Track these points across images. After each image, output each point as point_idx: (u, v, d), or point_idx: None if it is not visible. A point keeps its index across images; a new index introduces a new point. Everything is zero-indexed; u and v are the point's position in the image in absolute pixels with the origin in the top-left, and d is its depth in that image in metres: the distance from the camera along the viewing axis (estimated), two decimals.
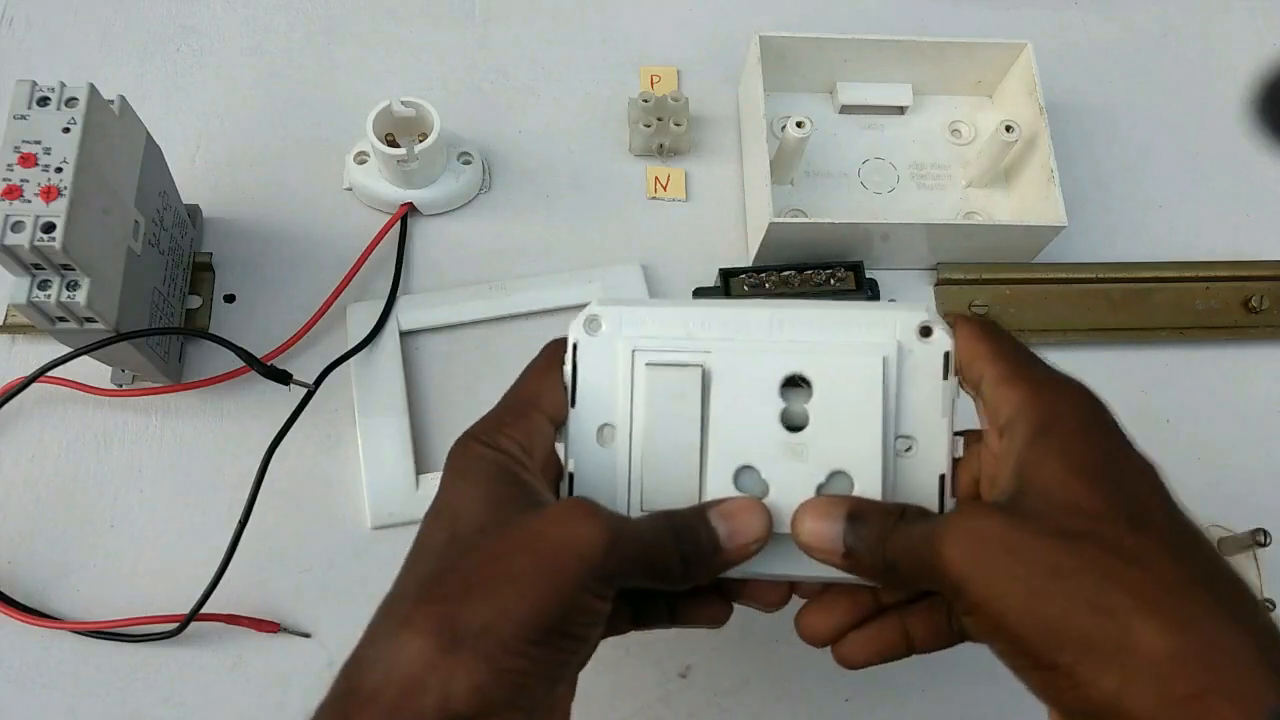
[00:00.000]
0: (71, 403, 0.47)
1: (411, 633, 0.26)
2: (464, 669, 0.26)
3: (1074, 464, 0.27)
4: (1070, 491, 0.26)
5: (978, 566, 0.26)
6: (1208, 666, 0.23)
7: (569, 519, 0.28)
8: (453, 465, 0.31)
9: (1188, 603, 0.24)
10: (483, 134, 0.55)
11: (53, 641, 0.44)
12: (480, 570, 0.27)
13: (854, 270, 0.51)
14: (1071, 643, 0.24)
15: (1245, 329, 0.54)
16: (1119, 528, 0.25)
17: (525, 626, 0.26)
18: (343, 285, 0.50)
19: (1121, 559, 0.25)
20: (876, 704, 0.46)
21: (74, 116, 0.37)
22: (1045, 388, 0.29)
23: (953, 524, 0.28)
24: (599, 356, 0.33)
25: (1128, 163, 0.58)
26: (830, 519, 0.30)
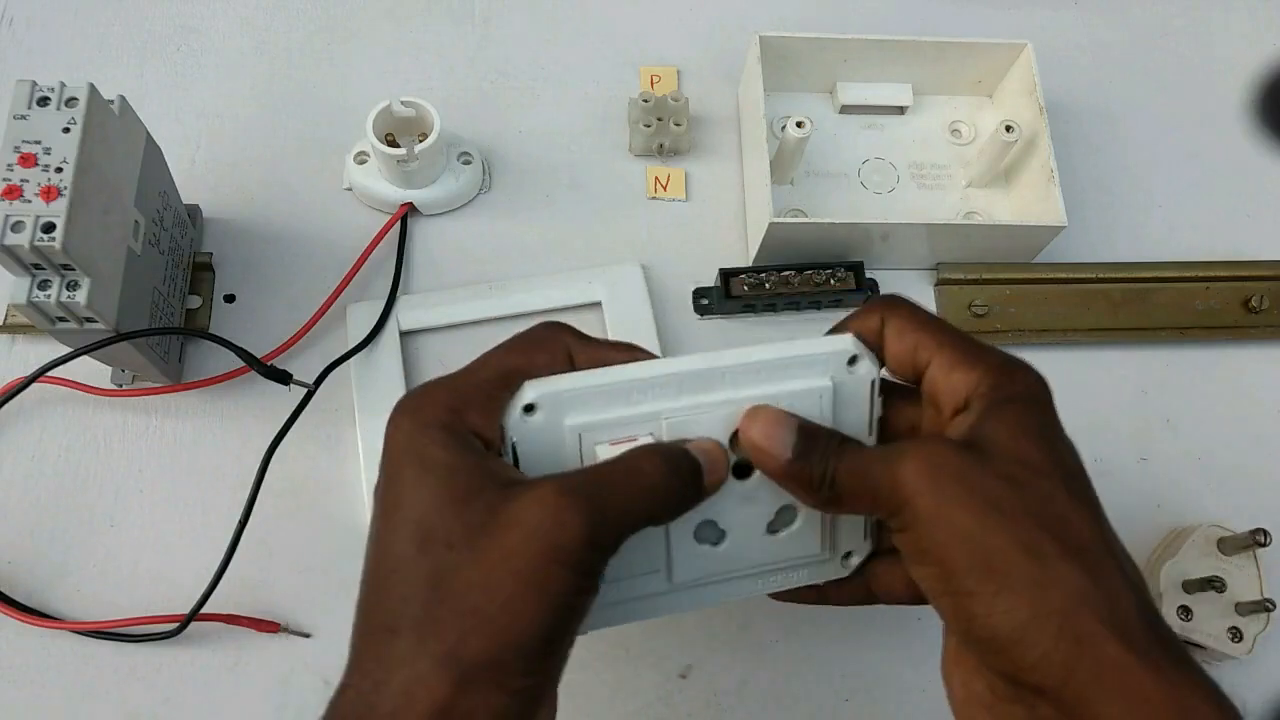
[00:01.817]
0: (71, 403, 0.47)
1: (418, 671, 0.26)
2: (479, 702, 0.26)
3: (1025, 428, 0.29)
4: (1021, 447, 0.29)
5: (929, 487, 0.28)
6: (1107, 610, 0.26)
7: (539, 526, 0.27)
8: (399, 442, 0.29)
9: (1097, 558, 0.27)
10: (483, 134, 0.55)
11: (53, 641, 0.44)
12: (468, 599, 0.27)
13: (854, 270, 0.51)
14: (997, 573, 0.27)
15: (1245, 329, 0.54)
16: (1056, 486, 0.28)
17: (529, 649, 0.27)
18: (343, 285, 0.50)
19: (1055, 513, 0.28)
20: (876, 704, 0.46)
21: (74, 116, 0.37)
22: (1002, 370, 0.31)
23: (913, 447, 0.29)
24: (541, 441, 0.31)
25: (1128, 163, 0.58)
26: (783, 426, 0.31)
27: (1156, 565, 0.47)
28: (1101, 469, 0.51)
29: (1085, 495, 0.29)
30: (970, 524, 0.27)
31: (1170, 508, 0.50)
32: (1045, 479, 0.28)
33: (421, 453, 0.28)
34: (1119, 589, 0.27)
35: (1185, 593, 0.46)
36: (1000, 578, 0.27)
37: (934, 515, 0.28)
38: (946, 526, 0.28)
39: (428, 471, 0.28)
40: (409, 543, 0.28)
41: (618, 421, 0.32)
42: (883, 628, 0.47)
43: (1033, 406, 0.30)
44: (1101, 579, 0.27)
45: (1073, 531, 0.27)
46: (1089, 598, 0.26)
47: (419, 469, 0.28)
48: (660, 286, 0.52)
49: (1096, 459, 0.51)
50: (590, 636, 0.45)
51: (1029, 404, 0.30)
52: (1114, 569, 0.27)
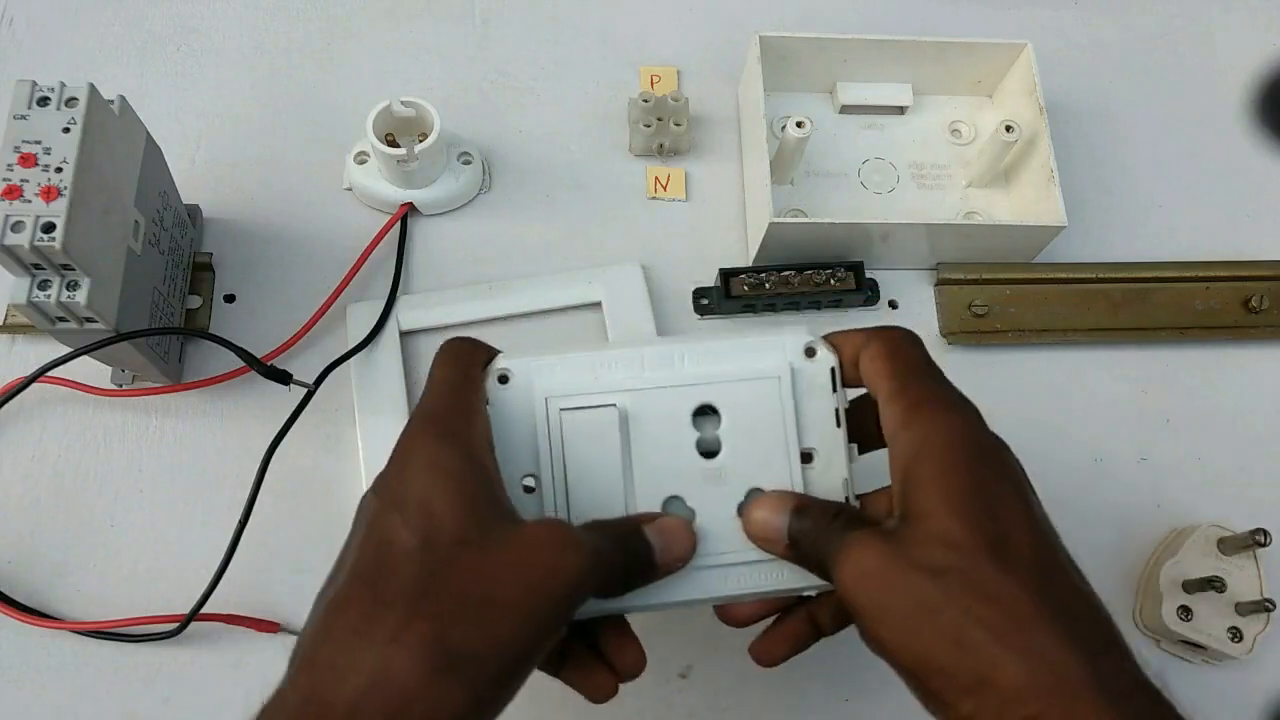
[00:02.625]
0: (71, 403, 0.47)
1: (402, 648, 0.26)
2: (449, 696, 0.26)
3: (946, 493, 0.29)
4: (941, 523, 0.28)
5: (863, 597, 0.29)
6: (1051, 693, 0.26)
7: (553, 545, 0.28)
8: (413, 446, 0.30)
9: (1038, 635, 0.26)
10: (483, 134, 0.55)
11: (53, 641, 0.44)
12: (470, 592, 0.27)
13: (854, 270, 0.51)
14: (936, 672, 0.27)
15: (1245, 329, 0.54)
16: (982, 563, 0.28)
17: (513, 659, 0.27)
18: (343, 285, 0.50)
19: (983, 596, 0.27)
20: (876, 704, 0.46)
21: (74, 116, 0.37)
22: (923, 408, 0.31)
23: (844, 552, 0.30)
24: (513, 409, 0.33)
25: (1128, 163, 0.58)
26: (778, 512, 0.33)
27: (1156, 565, 0.47)
28: (1101, 469, 0.51)
29: (1021, 558, 0.28)
30: (902, 630, 0.28)
31: (1170, 508, 0.50)
32: (970, 557, 0.28)
33: (436, 457, 0.29)
34: (1063, 660, 0.26)
35: (1185, 593, 0.46)
36: (940, 676, 0.27)
37: (873, 623, 0.29)
38: (884, 633, 0.29)
39: (440, 474, 0.29)
40: (412, 531, 0.28)
41: (585, 391, 0.34)
42: None
43: (952, 460, 0.30)
44: (1042, 656, 0.26)
45: (1005, 610, 0.27)
46: (1027, 685, 0.26)
47: (431, 470, 0.29)
48: (660, 286, 0.52)
49: (1096, 459, 0.51)
50: None
51: (949, 457, 0.30)
52: (1056, 636, 0.26)
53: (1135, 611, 0.48)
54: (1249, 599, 0.45)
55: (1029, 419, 0.51)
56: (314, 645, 0.27)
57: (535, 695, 0.44)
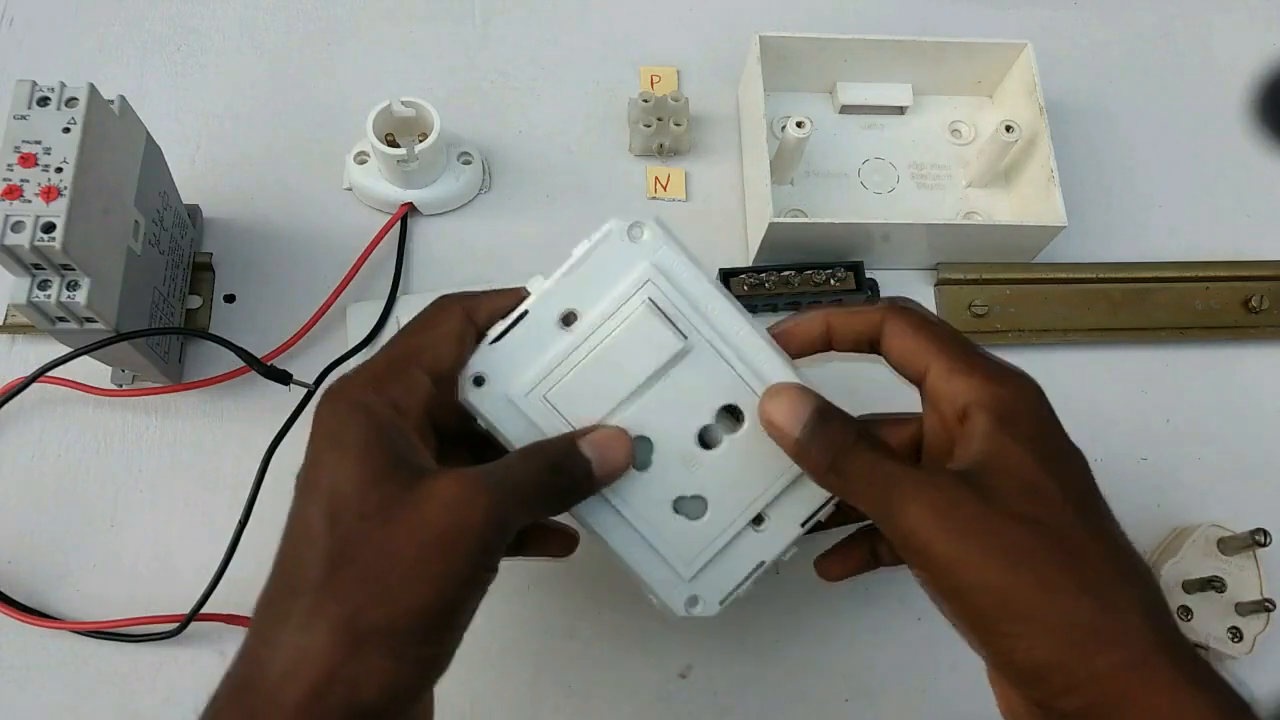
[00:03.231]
0: (71, 403, 0.47)
1: (314, 633, 0.27)
2: (370, 667, 0.27)
3: (1036, 453, 0.30)
4: (1035, 477, 0.29)
5: (945, 536, 0.29)
6: (1122, 640, 0.27)
7: (454, 499, 0.28)
8: (322, 428, 0.30)
9: (1116, 591, 0.28)
10: (483, 134, 0.55)
11: (53, 641, 0.44)
12: (373, 566, 0.27)
13: (854, 270, 0.51)
14: (1019, 616, 0.28)
15: (1245, 329, 0.54)
16: (1073, 517, 0.29)
17: (426, 618, 0.28)
18: (343, 285, 0.50)
19: (1070, 546, 0.29)
20: (876, 704, 0.46)
21: (74, 116, 0.37)
22: (1001, 380, 0.32)
23: (920, 485, 0.30)
24: (618, 258, 0.33)
25: (1128, 163, 0.58)
26: (799, 405, 0.32)
27: (1156, 565, 0.47)
28: (1101, 469, 0.51)
29: (1098, 519, 0.30)
30: (991, 573, 0.28)
31: (1170, 508, 0.50)
32: (1058, 510, 0.29)
33: (340, 434, 0.29)
34: (1134, 616, 0.28)
35: (1185, 593, 0.46)
36: (1022, 620, 0.28)
37: (952, 563, 0.29)
38: (967, 574, 0.29)
39: (345, 450, 0.29)
40: (321, 515, 0.28)
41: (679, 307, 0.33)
42: (883, 628, 0.47)
43: (1035, 421, 0.31)
44: (1117, 610, 0.28)
45: (1089, 564, 0.28)
46: (1105, 632, 0.27)
47: (337, 449, 0.29)
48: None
49: (1096, 459, 0.50)
50: (590, 637, 0.45)
51: (1031, 419, 0.31)
52: (1130, 597, 0.28)
53: None
54: (1249, 599, 0.45)
55: None
56: (247, 639, 0.28)
57: (536, 694, 0.44)
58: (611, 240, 0.34)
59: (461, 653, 0.45)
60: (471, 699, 0.44)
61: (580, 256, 0.34)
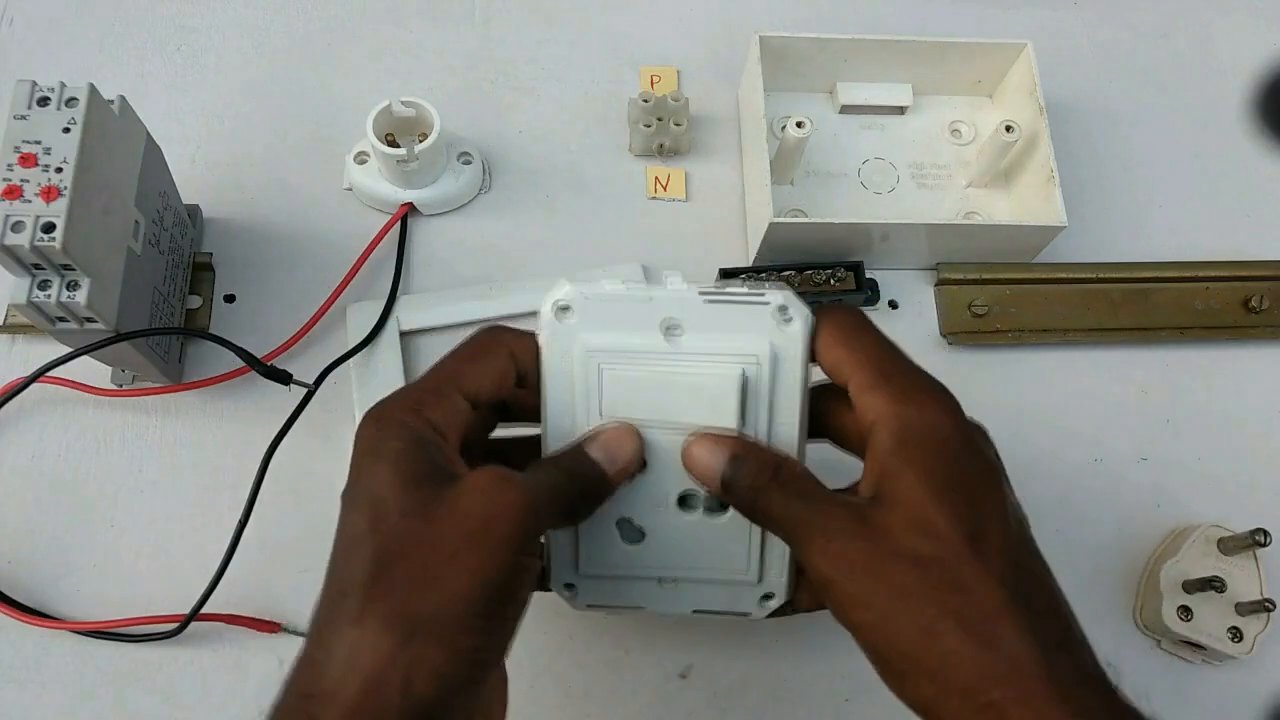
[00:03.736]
0: (71, 403, 0.47)
1: (365, 629, 0.27)
2: (422, 656, 0.27)
3: (928, 483, 0.30)
4: (922, 511, 0.29)
5: (839, 577, 0.30)
6: (1006, 682, 0.27)
7: (489, 489, 0.29)
8: (363, 444, 0.31)
9: (1002, 627, 0.28)
10: (483, 134, 0.55)
11: (53, 641, 0.44)
12: (419, 557, 0.28)
13: (854, 270, 0.51)
14: (902, 656, 0.29)
15: (1245, 329, 0.54)
16: (960, 554, 0.29)
17: (474, 602, 0.28)
18: (343, 285, 0.50)
19: (956, 587, 0.28)
20: (876, 704, 0.46)
21: (74, 116, 0.37)
22: (906, 398, 0.31)
23: (816, 528, 0.30)
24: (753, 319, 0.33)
25: (1128, 163, 0.58)
26: (716, 452, 0.33)
27: (1156, 565, 0.47)
28: (1101, 469, 0.51)
29: (995, 552, 0.29)
30: (877, 613, 0.29)
31: (1170, 508, 0.50)
32: (949, 547, 0.29)
33: (379, 448, 0.30)
34: (1021, 651, 0.27)
35: (1185, 593, 0.46)
36: (906, 660, 0.29)
37: (845, 602, 0.30)
38: (857, 613, 0.30)
39: (384, 462, 0.30)
40: (364, 521, 0.29)
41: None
42: None
43: (934, 443, 0.30)
44: (1001, 648, 0.28)
45: (975, 601, 0.28)
46: (988, 671, 0.27)
47: (377, 461, 0.30)
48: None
49: (1096, 459, 0.51)
50: (590, 637, 0.45)
51: (930, 441, 0.30)
52: (1018, 630, 0.28)
53: (1135, 611, 0.48)
54: (1249, 599, 0.45)
55: (1029, 419, 0.51)
56: (302, 652, 0.29)
57: (536, 694, 0.44)
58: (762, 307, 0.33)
59: None
60: None
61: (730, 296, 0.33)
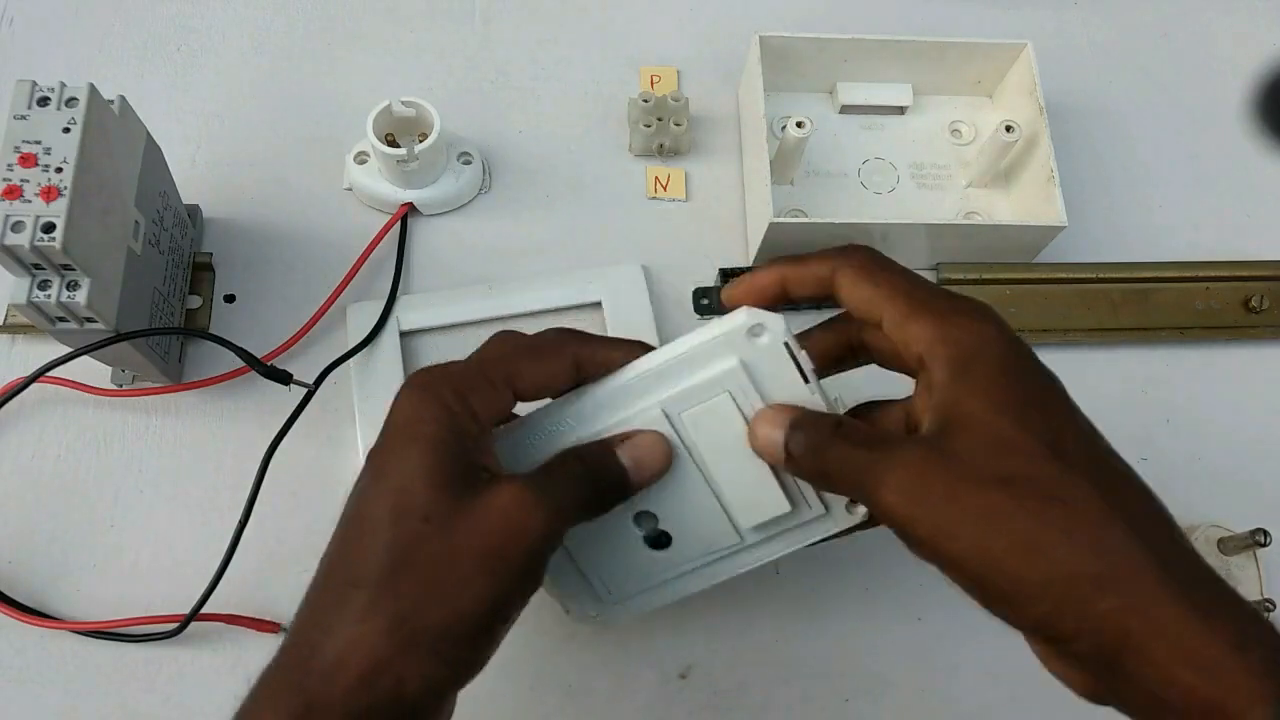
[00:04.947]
0: (71, 403, 0.47)
1: (368, 626, 0.28)
2: (418, 664, 0.28)
3: (997, 401, 0.29)
4: (999, 430, 0.28)
5: (920, 511, 0.28)
6: (1124, 586, 0.26)
7: (512, 509, 0.29)
8: (400, 416, 0.31)
9: (1107, 531, 0.27)
10: (483, 134, 0.55)
11: (53, 641, 0.44)
12: (432, 570, 0.29)
13: None
14: (1009, 578, 0.27)
15: (1245, 329, 0.54)
16: (1045, 465, 0.28)
17: (475, 622, 0.29)
18: (343, 285, 0.50)
19: (1049, 498, 0.27)
20: (876, 704, 0.46)
21: (74, 116, 0.37)
22: (949, 322, 0.30)
23: (888, 467, 0.29)
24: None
25: (1128, 163, 0.58)
26: (775, 425, 0.32)
27: None
28: None
29: (1077, 455, 0.28)
30: (972, 541, 0.28)
31: (1170, 508, 0.50)
32: (1033, 461, 0.28)
33: (418, 428, 0.30)
34: (1128, 554, 0.27)
35: None
36: (1013, 581, 0.27)
37: (934, 537, 0.28)
38: (950, 546, 0.28)
39: (419, 446, 0.30)
40: (386, 509, 0.29)
41: None
42: (883, 628, 0.47)
43: (999, 370, 0.29)
44: (1108, 552, 0.27)
45: (1072, 510, 0.27)
46: (1099, 578, 0.27)
47: (411, 441, 0.30)
48: (660, 286, 0.52)
49: None
50: (590, 637, 0.45)
51: (995, 367, 0.29)
52: (1121, 534, 0.27)
53: None
54: (1249, 599, 0.45)
55: None
56: (298, 623, 0.30)
57: (536, 694, 0.44)
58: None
59: None
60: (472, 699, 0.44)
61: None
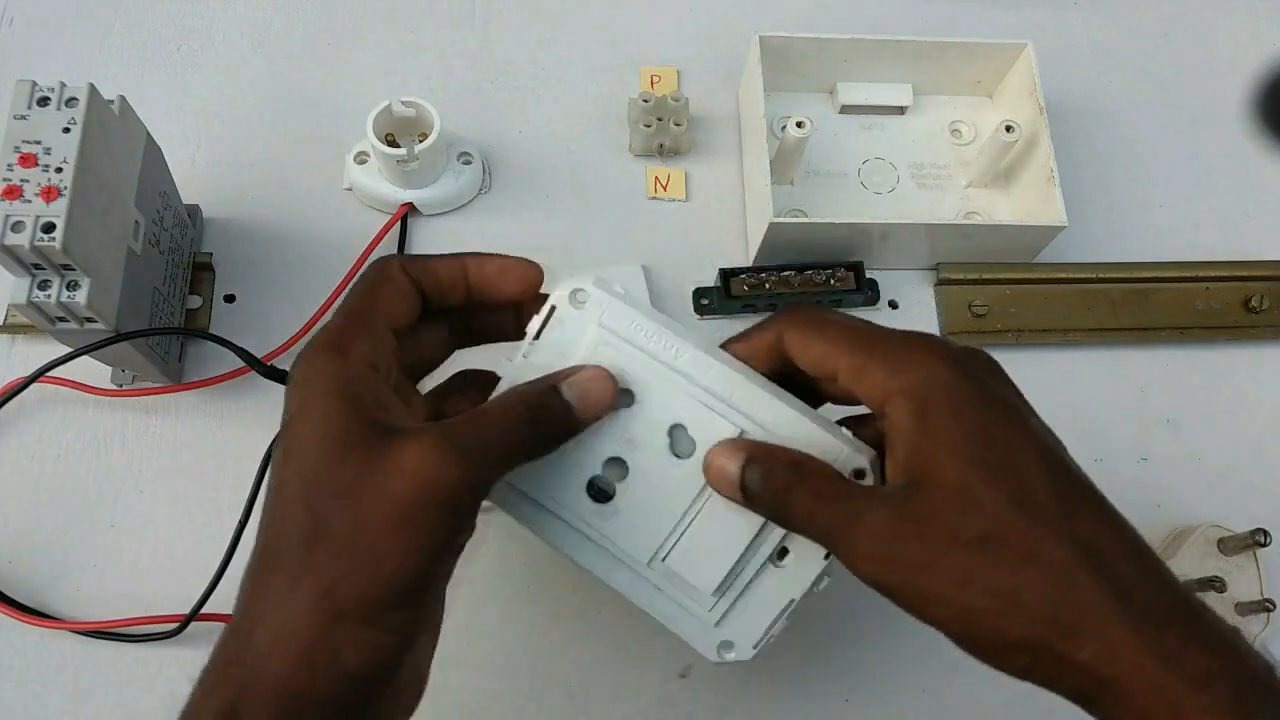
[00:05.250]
0: (71, 403, 0.47)
1: (293, 606, 0.28)
2: (349, 635, 0.27)
3: (961, 453, 0.29)
4: (966, 486, 0.28)
5: (897, 578, 0.29)
6: (1094, 636, 0.27)
7: (423, 465, 0.28)
8: (299, 386, 0.30)
9: (1075, 581, 0.28)
10: (483, 134, 0.55)
11: (53, 641, 0.44)
12: (346, 540, 0.28)
13: (854, 270, 0.51)
14: (987, 634, 0.28)
15: (1245, 329, 0.54)
16: (1015, 521, 0.28)
17: (399, 586, 0.28)
18: (343, 285, 0.49)
19: (1022, 556, 0.28)
20: (876, 704, 0.46)
21: (74, 116, 0.37)
22: (905, 370, 0.30)
23: (860, 532, 0.29)
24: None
25: (1128, 163, 0.58)
26: (731, 457, 0.32)
27: None
28: (1102, 469, 0.51)
29: (1046, 508, 0.28)
30: (948, 601, 0.28)
31: (1170, 508, 0.50)
32: (1001, 520, 0.28)
33: (310, 400, 0.30)
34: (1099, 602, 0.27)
35: None
36: (992, 635, 0.28)
37: (909, 598, 0.29)
38: (926, 609, 0.29)
39: (315, 418, 0.29)
40: (297, 489, 0.29)
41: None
42: (883, 628, 0.46)
43: (950, 409, 0.29)
44: (1080, 602, 0.27)
45: (1047, 566, 0.28)
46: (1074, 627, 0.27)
47: (308, 417, 0.29)
48: (660, 286, 0.52)
49: (1097, 459, 0.51)
50: (590, 637, 0.45)
51: (947, 404, 0.29)
52: (1092, 580, 0.27)
53: None
54: (1249, 599, 0.45)
55: None
56: (234, 613, 0.29)
57: (536, 694, 0.44)
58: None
59: (461, 653, 0.45)
60: (472, 699, 0.44)
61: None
